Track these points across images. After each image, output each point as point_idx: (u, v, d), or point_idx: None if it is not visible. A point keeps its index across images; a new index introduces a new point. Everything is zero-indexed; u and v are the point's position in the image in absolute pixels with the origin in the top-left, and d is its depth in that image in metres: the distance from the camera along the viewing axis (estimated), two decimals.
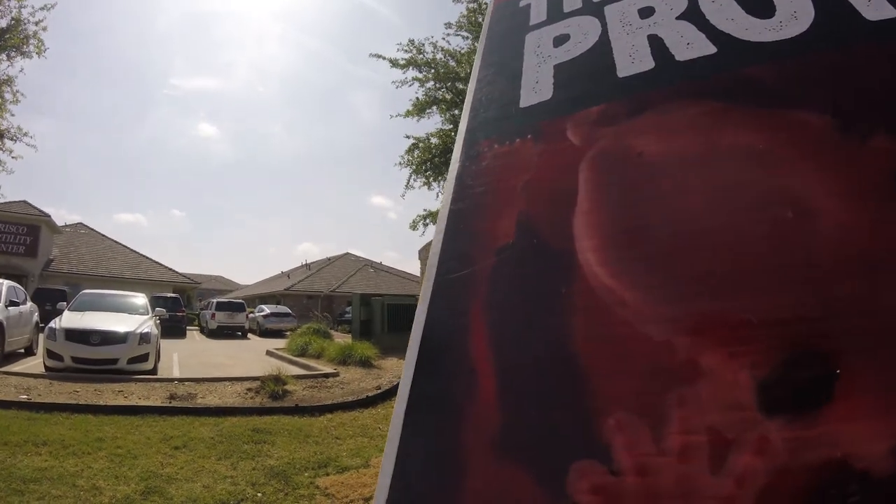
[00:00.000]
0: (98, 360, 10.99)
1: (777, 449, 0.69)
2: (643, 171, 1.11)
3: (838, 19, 1.17)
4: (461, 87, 14.43)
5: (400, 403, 0.99)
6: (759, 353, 0.77)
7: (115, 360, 11.10)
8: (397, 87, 15.66)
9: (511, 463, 0.82)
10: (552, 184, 1.20)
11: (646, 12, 1.48)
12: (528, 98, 1.46)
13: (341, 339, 19.85)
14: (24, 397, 8.13)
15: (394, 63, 15.06)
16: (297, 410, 8.81)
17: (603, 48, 1.46)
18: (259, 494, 5.19)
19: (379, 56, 15.55)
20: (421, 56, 15.02)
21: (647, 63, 1.32)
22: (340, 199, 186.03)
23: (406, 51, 15.18)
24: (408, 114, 15.26)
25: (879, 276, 0.80)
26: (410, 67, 15.12)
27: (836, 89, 1.06)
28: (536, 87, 1.47)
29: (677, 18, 1.39)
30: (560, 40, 1.59)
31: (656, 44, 1.36)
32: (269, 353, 18.54)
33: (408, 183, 15.40)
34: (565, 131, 1.29)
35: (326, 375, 12.30)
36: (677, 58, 1.29)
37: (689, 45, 1.30)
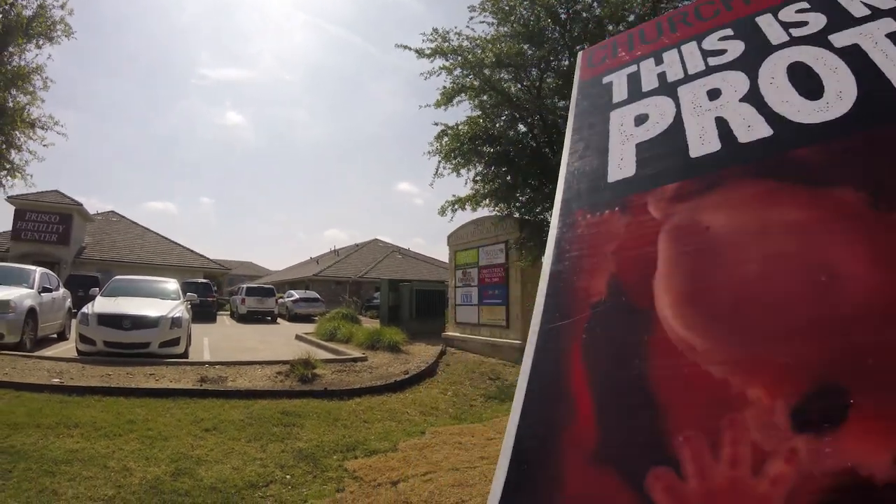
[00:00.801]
0: (130, 344, 11.11)
1: (803, 459, 0.87)
2: (710, 243, 1.30)
3: (878, 97, 1.34)
4: (488, 73, 14.27)
5: (513, 419, 1.23)
6: (793, 386, 0.97)
7: (146, 344, 11.21)
8: (426, 78, 15.46)
9: (603, 468, 1.04)
10: (636, 251, 1.41)
11: (714, 94, 1.69)
12: (614, 174, 1.68)
13: (369, 324, 19.90)
14: (56, 381, 8.24)
15: (420, 53, 14.88)
16: (326, 394, 8.83)
17: (677, 128, 1.67)
18: (288, 476, 5.18)
19: (405, 47, 15.37)
20: (446, 44, 14.86)
21: (714, 145, 1.52)
22: (366, 185, 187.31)
23: (431, 40, 15.03)
24: (437, 104, 15.10)
25: (894, 331, 0.96)
26: (436, 56, 14.98)
27: (872, 167, 1.23)
28: (622, 163, 1.69)
29: (740, 101, 1.59)
30: (640, 119, 1.81)
31: (722, 126, 1.55)
32: (298, 337, 18.67)
33: (437, 171, 15.26)
34: (647, 205, 1.50)
35: (355, 360, 12.32)
36: (740, 140, 1.48)
37: (750, 127, 1.49)
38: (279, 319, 31.59)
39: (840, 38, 1.56)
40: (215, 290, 31.66)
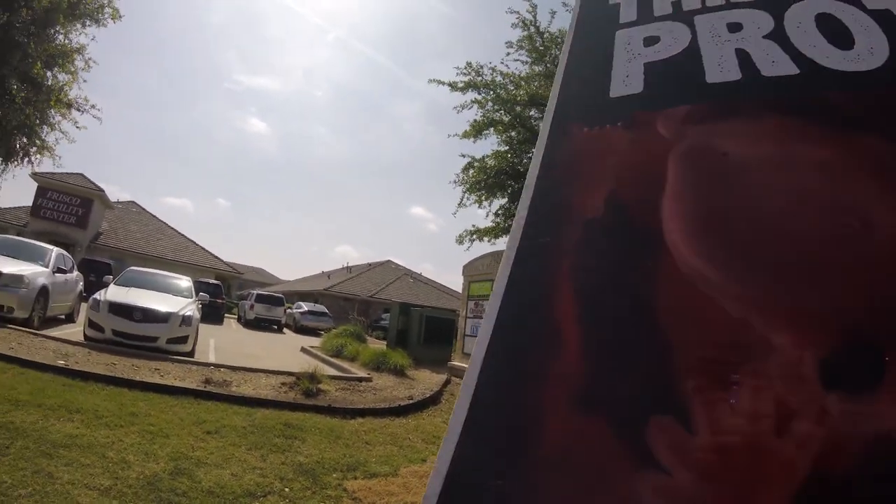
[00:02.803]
0: (138, 336, 11.03)
1: (834, 420, 0.78)
2: (728, 169, 1.22)
3: None
4: (519, 109, 14.38)
5: (478, 350, 1.05)
6: (822, 336, 0.87)
7: (154, 339, 11.14)
8: (458, 112, 15.61)
9: (591, 414, 0.90)
10: (642, 169, 1.30)
11: (734, 27, 1.60)
12: (618, 89, 1.57)
13: (375, 345, 19.74)
14: (61, 363, 8.15)
15: (453, 86, 15.02)
16: (329, 411, 8.68)
17: (693, 54, 1.58)
18: (287, 489, 5.04)
19: (438, 82, 15.51)
20: (479, 78, 14.97)
21: (734, 73, 1.45)
22: (380, 205, 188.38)
23: (465, 73, 15.15)
24: (465, 135, 15.26)
25: None
26: (469, 90, 15.08)
27: None
28: (627, 80, 1.58)
29: (764, 37, 1.52)
30: (650, 41, 1.70)
31: (743, 57, 1.48)
32: (303, 349, 18.57)
33: (461, 201, 15.35)
34: (655, 124, 1.40)
35: (360, 379, 12.17)
36: (763, 73, 1.41)
37: (774, 63, 1.43)
38: (285, 329, 31.50)
39: (872, 2, 1.50)
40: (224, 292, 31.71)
